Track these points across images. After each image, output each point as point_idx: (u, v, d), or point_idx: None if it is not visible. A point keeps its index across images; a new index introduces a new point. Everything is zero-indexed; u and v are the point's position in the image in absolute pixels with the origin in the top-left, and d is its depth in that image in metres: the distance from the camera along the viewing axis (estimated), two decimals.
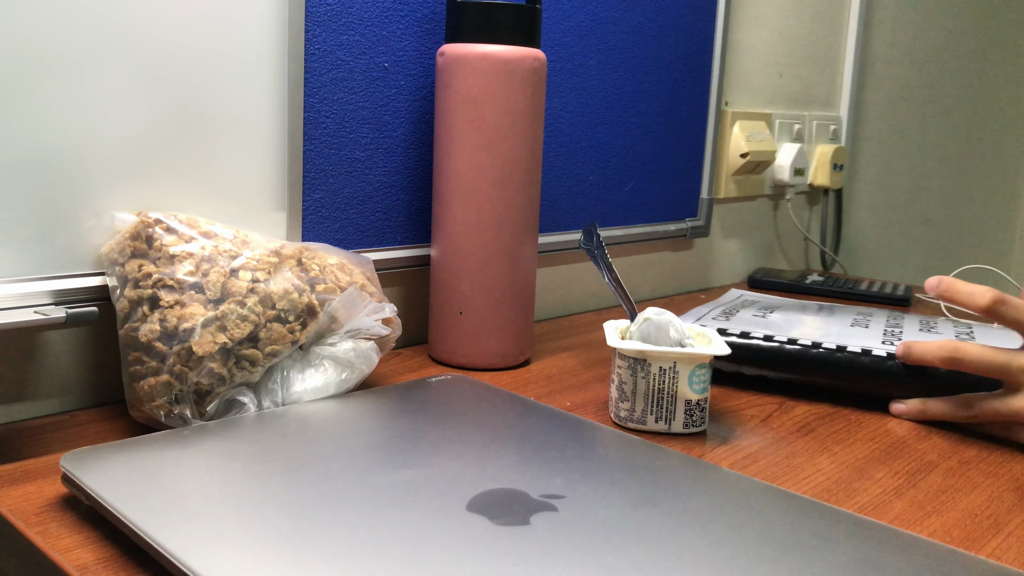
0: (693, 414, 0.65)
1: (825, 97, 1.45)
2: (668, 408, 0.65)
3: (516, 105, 0.75)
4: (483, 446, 0.55)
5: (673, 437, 0.65)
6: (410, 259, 0.86)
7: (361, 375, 0.65)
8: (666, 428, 0.65)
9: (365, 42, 0.79)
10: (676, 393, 0.65)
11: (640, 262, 1.14)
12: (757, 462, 0.61)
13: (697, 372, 0.64)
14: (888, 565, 0.43)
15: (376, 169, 0.82)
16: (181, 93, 0.67)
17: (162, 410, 0.58)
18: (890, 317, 0.91)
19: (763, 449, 0.64)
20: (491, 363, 0.79)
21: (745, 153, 1.23)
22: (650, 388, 0.65)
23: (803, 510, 0.49)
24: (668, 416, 0.65)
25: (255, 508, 0.45)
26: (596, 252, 0.73)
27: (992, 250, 2.13)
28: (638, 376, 0.65)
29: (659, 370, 0.64)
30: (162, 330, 0.58)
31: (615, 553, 0.42)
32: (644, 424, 0.66)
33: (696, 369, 0.64)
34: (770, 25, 1.29)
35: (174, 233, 0.62)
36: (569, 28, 0.97)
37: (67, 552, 0.45)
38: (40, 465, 0.55)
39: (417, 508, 0.46)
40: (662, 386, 0.65)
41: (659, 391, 0.65)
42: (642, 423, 0.66)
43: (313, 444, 0.54)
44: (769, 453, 0.63)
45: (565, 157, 0.99)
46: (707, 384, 0.66)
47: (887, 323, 0.87)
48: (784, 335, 0.76)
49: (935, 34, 1.71)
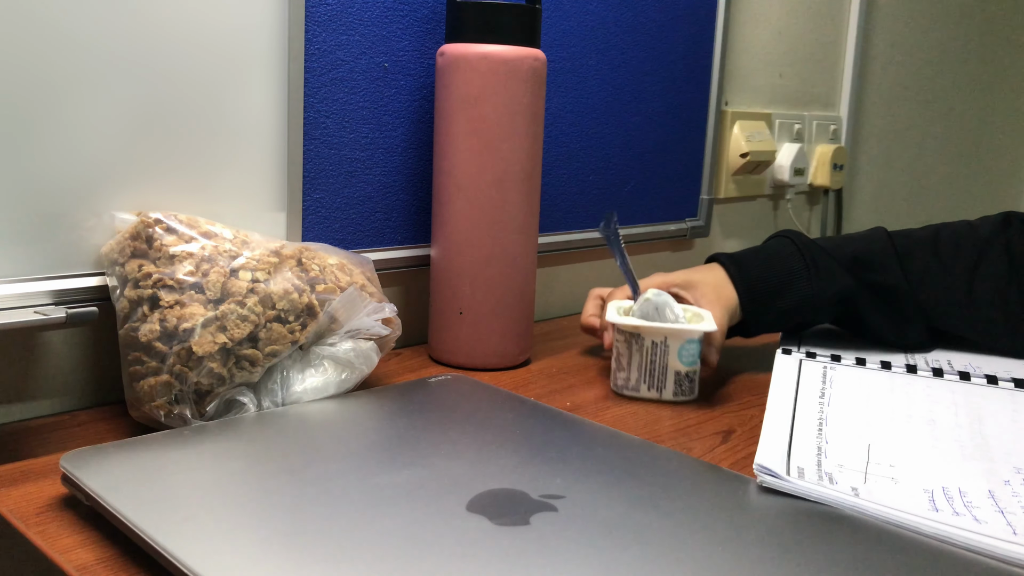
0: (682, 384, 0.72)
1: (825, 97, 1.45)
2: (660, 378, 0.72)
3: (516, 105, 0.75)
4: (483, 446, 0.55)
5: (665, 404, 0.72)
6: (410, 259, 0.86)
7: (361, 375, 0.65)
8: (657, 396, 0.72)
9: (365, 42, 0.79)
10: (667, 365, 0.71)
11: (640, 262, 1.14)
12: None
13: (686, 346, 0.71)
14: (888, 566, 0.43)
15: (376, 169, 0.82)
16: (181, 93, 0.67)
17: (162, 410, 0.58)
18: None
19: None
20: (491, 363, 0.79)
21: (745, 153, 1.23)
22: (643, 360, 0.72)
23: (803, 510, 0.49)
24: (660, 385, 0.72)
25: (255, 508, 0.45)
26: (612, 237, 0.79)
27: None
28: (633, 349, 0.72)
29: (651, 344, 0.71)
30: (162, 330, 0.58)
31: (615, 553, 0.42)
32: (638, 392, 0.73)
33: (685, 344, 0.71)
34: (770, 25, 1.29)
35: (174, 233, 0.62)
36: (569, 28, 0.97)
37: (67, 552, 0.45)
38: (40, 465, 0.55)
39: (417, 508, 0.46)
40: (654, 358, 0.72)
41: (651, 363, 0.72)
42: (636, 391, 0.73)
43: (313, 444, 0.54)
44: None
45: (565, 157, 0.99)
46: (696, 358, 0.72)
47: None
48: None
49: (935, 34, 1.71)
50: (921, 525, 0.48)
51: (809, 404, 0.67)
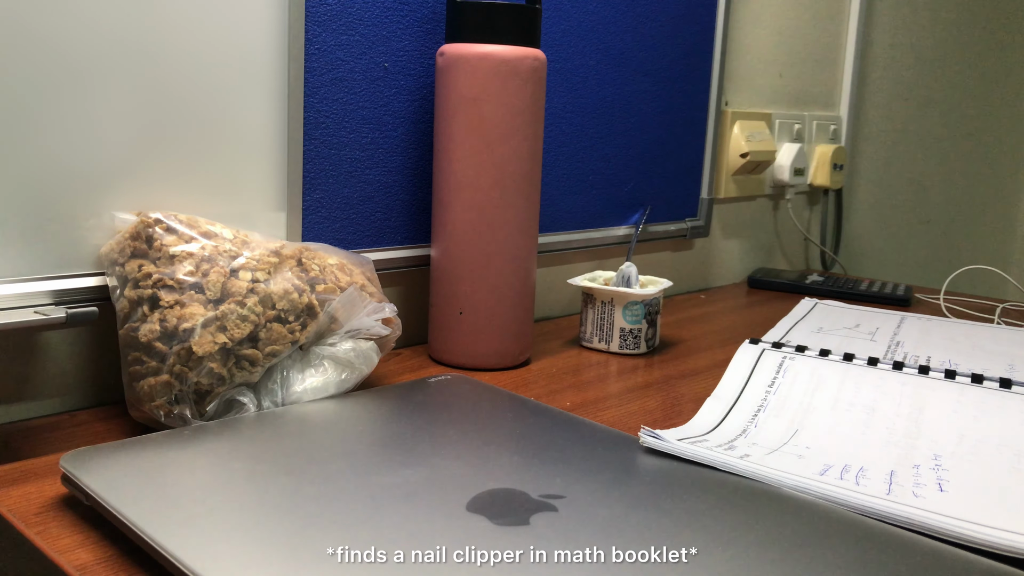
0: (627, 339, 0.86)
1: (825, 97, 1.45)
2: (608, 332, 0.86)
3: (516, 105, 0.75)
4: (483, 446, 0.55)
5: (612, 355, 0.86)
6: (410, 259, 0.86)
7: (361, 375, 0.65)
8: (606, 347, 0.87)
9: (365, 42, 0.79)
10: (613, 321, 0.85)
11: (640, 262, 1.14)
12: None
13: (630, 307, 0.85)
14: (888, 565, 0.43)
15: (376, 169, 0.82)
16: (181, 93, 0.67)
17: (162, 410, 0.58)
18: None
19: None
20: (491, 363, 0.79)
21: (745, 153, 1.23)
22: (595, 316, 0.87)
23: (805, 510, 0.49)
24: (607, 338, 0.86)
25: (255, 508, 0.45)
26: (637, 226, 0.98)
27: (992, 250, 2.12)
28: (587, 307, 0.87)
29: (601, 303, 0.86)
30: (162, 330, 0.58)
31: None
32: (591, 343, 0.88)
33: (629, 304, 0.85)
34: (770, 25, 1.29)
35: (174, 233, 0.62)
36: (569, 28, 0.97)
37: (67, 552, 0.45)
38: (40, 465, 0.55)
39: (417, 508, 0.46)
40: (603, 315, 0.86)
41: (601, 319, 0.86)
42: (590, 342, 0.88)
43: (313, 444, 0.54)
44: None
45: (565, 157, 0.99)
46: (640, 318, 0.85)
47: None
48: None
49: (935, 34, 1.71)
50: (789, 480, 0.50)
51: (755, 392, 0.68)
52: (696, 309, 1.10)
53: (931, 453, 0.58)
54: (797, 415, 0.64)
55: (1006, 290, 2.04)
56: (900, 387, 0.70)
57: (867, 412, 0.65)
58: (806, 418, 0.64)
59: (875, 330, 0.93)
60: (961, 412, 0.65)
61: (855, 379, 0.71)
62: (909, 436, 0.61)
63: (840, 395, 0.68)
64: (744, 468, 0.52)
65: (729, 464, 0.53)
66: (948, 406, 0.66)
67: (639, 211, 1.03)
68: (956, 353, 0.84)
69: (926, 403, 0.67)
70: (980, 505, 0.51)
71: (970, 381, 0.70)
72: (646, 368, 0.82)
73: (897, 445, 0.60)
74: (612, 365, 0.83)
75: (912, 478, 0.54)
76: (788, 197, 1.37)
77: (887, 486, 0.52)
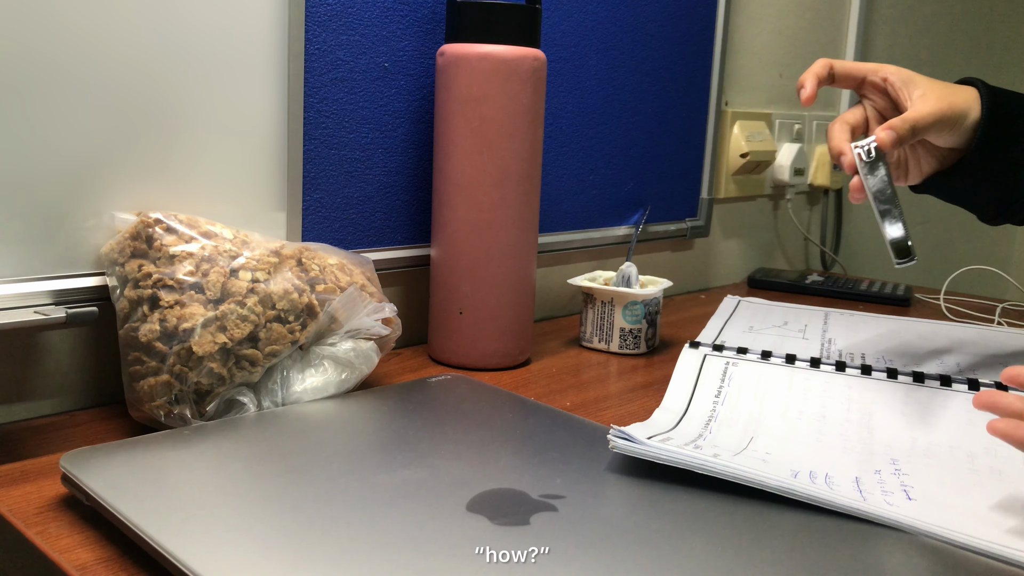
0: (627, 339, 0.85)
1: (825, 97, 1.45)
2: (608, 332, 0.85)
3: (516, 105, 0.75)
4: (483, 446, 0.55)
5: (612, 355, 0.86)
6: (410, 259, 0.86)
7: (361, 375, 0.65)
8: (606, 347, 0.86)
9: (365, 42, 0.79)
10: (613, 321, 0.85)
11: (640, 262, 1.14)
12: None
13: (630, 307, 0.84)
14: (887, 564, 0.43)
15: (376, 169, 0.82)
16: (182, 93, 0.67)
17: (162, 410, 0.58)
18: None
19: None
20: (491, 363, 0.79)
21: (745, 153, 1.23)
22: (595, 316, 0.86)
23: (803, 510, 0.49)
24: (607, 338, 0.85)
25: (255, 508, 0.45)
26: (637, 227, 0.99)
27: (992, 250, 2.13)
28: (587, 307, 0.87)
29: (601, 303, 0.85)
30: (162, 330, 0.58)
31: (615, 553, 0.42)
32: (591, 343, 0.87)
33: (629, 304, 0.84)
34: (770, 25, 1.29)
35: (174, 233, 0.62)
36: (569, 28, 0.97)
37: (67, 552, 0.45)
38: (40, 465, 0.55)
39: (417, 508, 0.46)
40: (603, 315, 0.85)
41: (601, 319, 0.86)
42: (590, 342, 0.87)
43: (313, 444, 0.54)
44: None
45: (565, 157, 0.99)
46: (640, 318, 0.85)
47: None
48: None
49: (935, 34, 1.71)
50: (773, 482, 0.49)
51: (703, 403, 0.68)
52: (696, 309, 1.10)
53: (888, 458, 0.58)
54: (749, 425, 0.64)
55: (1006, 290, 2.04)
56: (846, 391, 0.70)
57: (818, 419, 0.65)
58: (759, 427, 0.63)
59: (804, 327, 0.92)
60: (908, 414, 0.66)
61: (801, 385, 0.71)
62: (863, 442, 0.61)
63: (789, 402, 0.68)
64: (725, 470, 0.50)
65: (708, 466, 0.51)
66: (896, 407, 0.67)
67: (639, 211, 1.04)
68: (888, 350, 0.84)
69: (874, 407, 0.67)
70: (953, 515, 0.50)
71: (912, 380, 0.71)
72: (646, 368, 0.82)
73: (854, 451, 0.60)
74: (612, 365, 0.83)
75: (878, 485, 0.54)
76: (788, 197, 1.37)
77: (859, 493, 0.52)
